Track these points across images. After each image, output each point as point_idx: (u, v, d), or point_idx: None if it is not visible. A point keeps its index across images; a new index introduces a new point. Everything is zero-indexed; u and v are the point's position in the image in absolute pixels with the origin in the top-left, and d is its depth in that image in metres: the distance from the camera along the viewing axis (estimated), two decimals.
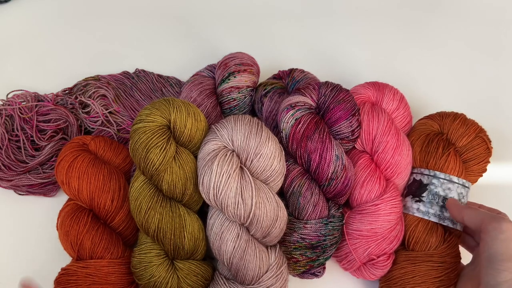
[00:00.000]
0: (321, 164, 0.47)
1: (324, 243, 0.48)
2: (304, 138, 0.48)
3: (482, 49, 0.73)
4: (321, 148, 0.47)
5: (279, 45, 0.73)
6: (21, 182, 0.56)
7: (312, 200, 0.48)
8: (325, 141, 0.48)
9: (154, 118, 0.46)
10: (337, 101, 0.49)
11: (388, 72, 0.68)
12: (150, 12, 0.77)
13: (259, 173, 0.46)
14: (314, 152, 0.47)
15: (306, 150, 0.48)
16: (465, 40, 0.74)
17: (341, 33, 0.75)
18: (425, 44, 0.74)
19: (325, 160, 0.47)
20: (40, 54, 0.70)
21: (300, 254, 0.48)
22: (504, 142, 0.62)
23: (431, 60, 0.72)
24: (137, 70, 0.67)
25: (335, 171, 0.48)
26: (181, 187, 0.46)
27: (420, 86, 0.68)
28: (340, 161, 0.48)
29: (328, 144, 0.48)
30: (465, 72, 0.71)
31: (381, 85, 0.58)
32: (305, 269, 0.48)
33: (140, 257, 0.46)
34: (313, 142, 0.47)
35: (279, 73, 0.61)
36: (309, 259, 0.48)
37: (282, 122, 0.49)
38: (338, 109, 0.49)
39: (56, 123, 0.58)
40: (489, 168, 0.54)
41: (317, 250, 0.48)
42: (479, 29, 0.76)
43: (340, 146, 0.49)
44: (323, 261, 0.49)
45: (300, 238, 0.48)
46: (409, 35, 0.75)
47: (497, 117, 0.66)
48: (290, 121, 0.49)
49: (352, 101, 0.51)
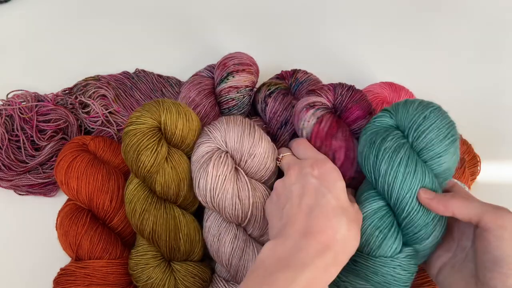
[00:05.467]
0: (345, 162, 0.46)
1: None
2: (328, 136, 0.46)
3: (490, 49, 0.73)
4: (345, 146, 0.46)
5: (280, 45, 0.73)
6: (21, 182, 0.56)
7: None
8: (348, 139, 0.47)
9: (144, 120, 0.46)
10: (354, 100, 0.49)
11: (391, 72, 0.67)
12: (150, 12, 0.77)
13: (253, 172, 0.46)
14: (338, 151, 0.46)
15: (331, 148, 0.46)
16: (472, 40, 0.74)
17: (343, 33, 0.75)
18: (430, 44, 0.74)
19: (349, 158, 0.46)
20: (40, 54, 0.70)
21: None
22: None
23: (434, 60, 0.72)
24: (137, 70, 0.67)
25: (356, 168, 0.47)
26: (174, 188, 0.46)
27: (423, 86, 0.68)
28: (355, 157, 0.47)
29: (351, 142, 0.47)
30: (465, 72, 0.70)
31: (397, 87, 0.58)
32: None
33: (137, 259, 0.46)
34: (338, 140, 0.46)
35: (281, 74, 0.60)
36: None
37: (302, 121, 0.48)
38: (356, 108, 0.49)
39: (56, 123, 0.58)
40: (489, 168, 0.55)
41: None
42: (488, 30, 0.75)
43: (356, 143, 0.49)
44: None
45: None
46: (412, 35, 0.75)
47: (501, 117, 0.66)
48: (311, 120, 0.47)
49: (368, 100, 0.51)
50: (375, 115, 0.47)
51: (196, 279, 0.46)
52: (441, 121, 0.41)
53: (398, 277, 0.39)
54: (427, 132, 0.40)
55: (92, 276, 0.45)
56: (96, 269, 0.46)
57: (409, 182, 0.39)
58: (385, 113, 0.44)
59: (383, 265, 0.39)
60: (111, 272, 0.46)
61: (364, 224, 0.41)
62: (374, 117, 0.46)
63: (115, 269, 0.47)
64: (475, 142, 0.59)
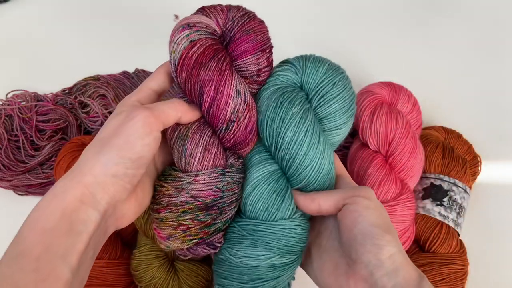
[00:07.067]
0: (216, 100, 0.36)
1: (222, 201, 0.37)
2: (196, 65, 0.36)
3: (490, 49, 0.73)
4: (217, 79, 0.36)
5: (280, 45, 0.73)
6: (20, 182, 0.56)
7: (202, 144, 0.37)
8: (223, 72, 0.36)
9: None
10: (246, 30, 0.39)
11: (390, 72, 0.67)
12: (150, 12, 0.76)
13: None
14: (208, 84, 0.36)
15: (198, 81, 0.36)
16: (472, 40, 0.74)
17: (342, 32, 0.75)
18: (430, 44, 0.74)
19: (222, 95, 0.36)
20: (40, 54, 0.70)
21: (190, 219, 0.36)
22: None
23: (434, 60, 0.72)
24: (137, 70, 0.67)
25: (235, 110, 0.36)
26: None
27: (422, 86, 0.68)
28: (243, 98, 0.37)
29: (228, 76, 0.36)
30: (465, 72, 0.71)
31: (396, 86, 0.57)
32: (198, 239, 0.37)
33: (140, 259, 0.46)
34: (208, 71, 0.36)
35: None
36: (202, 224, 0.36)
37: (172, 43, 0.38)
38: (245, 39, 0.39)
39: (55, 123, 0.58)
40: (489, 168, 0.55)
41: (212, 210, 0.36)
42: (488, 30, 0.75)
43: (243, 82, 0.39)
44: (221, 226, 0.38)
45: (190, 197, 0.36)
46: (412, 35, 0.75)
47: (502, 117, 0.66)
48: (182, 43, 0.37)
49: (265, 34, 0.41)
50: (278, 66, 0.41)
51: (199, 278, 0.46)
52: (347, 91, 0.38)
53: (299, 237, 0.37)
54: (332, 102, 0.38)
55: (92, 276, 0.45)
56: (96, 269, 0.46)
57: (312, 154, 0.36)
58: (291, 67, 0.40)
59: (283, 227, 0.37)
60: (111, 272, 0.46)
61: (260, 188, 0.37)
62: (277, 69, 0.41)
63: (115, 269, 0.47)
64: (475, 142, 0.59)
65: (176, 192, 0.36)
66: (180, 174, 0.36)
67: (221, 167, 0.37)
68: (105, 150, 0.31)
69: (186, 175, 0.36)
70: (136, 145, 0.31)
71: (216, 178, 0.36)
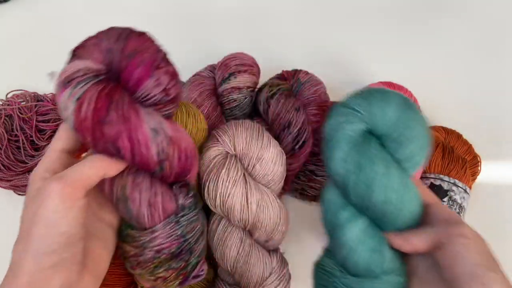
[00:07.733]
0: (136, 149, 0.33)
1: (187, 244, 0.37)
2: (96, 125, 0.31)
3: (490, 49, 0.73)
4: (126, 129, 0.32)
5: (281, 45, 0.73)
6: (20, 182, 0.56)
7: (145, 200, 0.35)
8: (129, 118, 0.32)
9: None
10: (128, 55, 0.34)
11: (390, 72, 0.67)
12: (150, 11, 0.76)
13: (260, 177, 0.46)
14: (118, 138, 0.32)
15: (107, 140, 0.32)
16: (472, 40, 0.74)
17: (342, 32, 0.75)
18: (430, 44, 0.74)
19: (139, 142, 0.32)
20: (40, 54, 0.70)
21: (164, 270, 0.36)
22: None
23: (434, 60, 0.72)
24: None
25: (160, 150, 0.34)
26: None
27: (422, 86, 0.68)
28: (162, 135, 0.34)
29: (135, 120, 0.32)
30: (466, 72, 0.70)
31: (396, 86, 0.58)
32: (180, 280, 0.38)
33: None
34: (111, 125, 0.31)
35: (283, 74, 0.60)
36: (178, 270, 0.37)
37: (61, 110, 0.33)
38: (133, 66, 0.33)
39: (55, 123, 0.58)
40: (489, 168, 0.55)
41: (182, 255, 0.36)
42: (488, 30, 0.75)
43: (155, 115, 0.35)
44: (196, 262, 0.39)
45: (155, 252, 0.35)
46: (412, 35, 0.75)
47: (502, 117, 0.66)
48: (69, 106, 0.31)
49: (151, 48, 0.35)
50: (339, 113, 0.36)
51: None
52: (421, 127, 0.35)
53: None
54: (408, 144, 0.35)
55: None
56: None
57: (403, 205, 0.35)
58: (355, 115, 0.35)
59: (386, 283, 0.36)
60: (111, 272, 0.46)
61: (359, 250, 0.35)
62: (340, 119, 0.36)
63: (115, 269, 0.46)
64: (475, 142, 0.59)
65: (140, 251, 0.35)
66: (137, 234, 0.35)
67: (173, 215, 0.36)
68: (30, 244, 0.28)
69: (143, 234, 0.35)
70: (60, 226, 0.28)
71: (173, 228, 0.36)
